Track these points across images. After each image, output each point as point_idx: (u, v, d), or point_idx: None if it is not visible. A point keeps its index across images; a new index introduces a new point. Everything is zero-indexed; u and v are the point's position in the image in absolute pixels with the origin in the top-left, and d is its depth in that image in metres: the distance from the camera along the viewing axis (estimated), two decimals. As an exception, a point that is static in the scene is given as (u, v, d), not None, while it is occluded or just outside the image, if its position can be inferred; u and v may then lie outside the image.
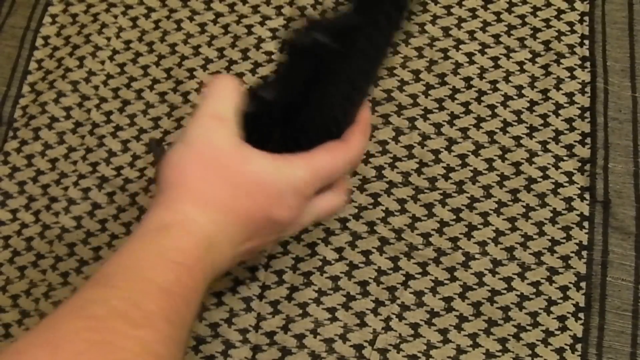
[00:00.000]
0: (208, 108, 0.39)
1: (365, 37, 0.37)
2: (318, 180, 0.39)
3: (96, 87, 0.59)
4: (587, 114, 0.56)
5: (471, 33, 0.59)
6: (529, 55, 0.58)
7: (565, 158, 0.54)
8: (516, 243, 0.52)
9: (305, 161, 0.39)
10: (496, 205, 0.53)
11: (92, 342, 0.30)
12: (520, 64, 0.58)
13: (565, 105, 0.56)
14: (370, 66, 0.40)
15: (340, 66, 0.38)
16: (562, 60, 0.57)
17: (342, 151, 0.40)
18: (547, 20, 0.59)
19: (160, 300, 0.33)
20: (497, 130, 0.55)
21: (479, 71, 0.57)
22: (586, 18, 0.59)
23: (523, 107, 0.56)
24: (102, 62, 0.59)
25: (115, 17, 0.61)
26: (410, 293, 0.51)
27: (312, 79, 0.38)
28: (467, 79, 0.57)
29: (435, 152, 0.55)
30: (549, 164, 0.54)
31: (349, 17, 0.37)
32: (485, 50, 0.58)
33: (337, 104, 0.40)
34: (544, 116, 0.56)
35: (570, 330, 0.50)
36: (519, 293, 0.51)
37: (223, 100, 0.39)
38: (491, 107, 0.56)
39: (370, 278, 0.51)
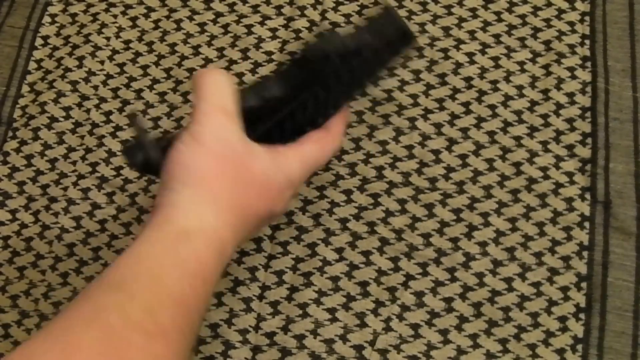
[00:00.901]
0: (215, 103, 0.38)
1: (365, 58, 0.41)
2: (308, 171, 0.41)
3: (96, 87, 0.59)
4: (588, 114, 0.55)
5: (472, 33, 0.59)
6: (530, 55, 0.58)
7: (566, 158, 0.54)
8: (517, 243, 0.52)
9: (298, 154, 0.40)
10: (497, 206, 0.53)
11: (106, 356, 0.30)
12: (521, 63, 0.57)
13: (566, 105, 0.56)
14: (361, 80, 0.43)
15: (335, 76, 0.40)
16: (562, 60, 0.57)
17: (328, 142, 0.42)
18: (547, 20, 0.59)
19: (175, 314, 0.33)
20: (498, 130, 0.55)
21: (479, 71, 0.57)
22: (587, 18, 0.59)
23: (524, 107, 0.56)
24: (102, 62, 0.59)
25: (115, 16, 0.61)
26: (411, 293, 0.51)
27: (306, 82, 0.41)
28: (468, 79, 0.57)
29: (436, 152, 0.55)
30: (549, 164, 0.54)
31: (359, 37, 0.41)
32: (486, 50, 0.58)
33: (329, 106, 0.43)
34: (544, 116, 0.56)
35: (571, 330, 0.50)
36: (519, 293, 0.51)
37: (227, 95, 0.39)
38: (492, 107, 0.56)
39: (370, 278, 0.51)
